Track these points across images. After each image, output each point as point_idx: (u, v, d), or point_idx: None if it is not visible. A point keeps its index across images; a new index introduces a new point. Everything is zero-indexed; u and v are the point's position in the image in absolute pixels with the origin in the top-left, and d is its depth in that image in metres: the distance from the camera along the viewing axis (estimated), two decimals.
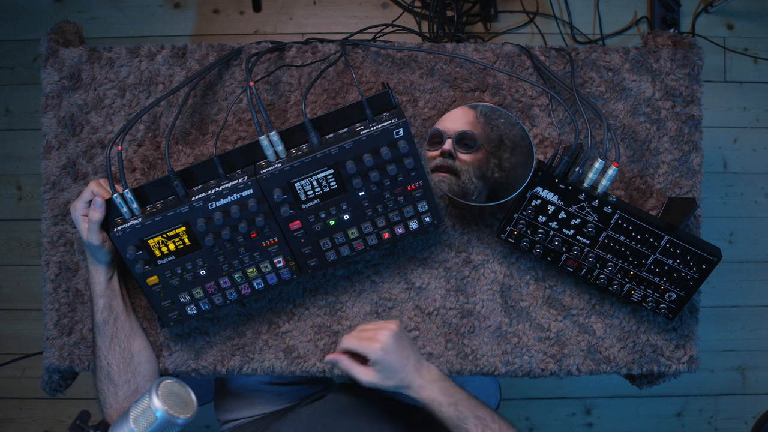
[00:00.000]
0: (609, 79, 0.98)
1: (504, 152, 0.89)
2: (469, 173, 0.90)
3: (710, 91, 1.77)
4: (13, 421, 1.81)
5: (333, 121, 0.85)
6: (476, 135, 0.89)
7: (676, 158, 0.98)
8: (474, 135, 0.89)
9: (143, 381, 0.92)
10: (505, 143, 0.89)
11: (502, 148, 0.89)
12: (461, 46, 0.97)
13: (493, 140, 0.90)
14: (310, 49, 0.97)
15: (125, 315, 0.92)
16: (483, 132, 0.90)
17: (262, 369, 0.97)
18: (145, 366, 0.93)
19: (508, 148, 0.89)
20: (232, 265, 0.88)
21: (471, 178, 0.90)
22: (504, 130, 0.89)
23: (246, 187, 0.82)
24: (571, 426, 1.83)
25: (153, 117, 0.97)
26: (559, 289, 0.98)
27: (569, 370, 0.98)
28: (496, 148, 0.90)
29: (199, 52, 0.97)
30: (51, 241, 0.97)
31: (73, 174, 0.97)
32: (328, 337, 0.97)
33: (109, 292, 0.89)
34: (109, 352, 0.89)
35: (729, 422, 1.84)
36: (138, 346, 0.93)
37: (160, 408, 0.73)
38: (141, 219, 0.83)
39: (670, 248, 0.88)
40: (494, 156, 0.90)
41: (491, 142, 0.90)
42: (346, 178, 0.84)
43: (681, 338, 0.99)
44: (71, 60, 0.96)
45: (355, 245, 0.89)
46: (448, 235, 0.97)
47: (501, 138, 0.89)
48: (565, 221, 0.89)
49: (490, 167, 0.90)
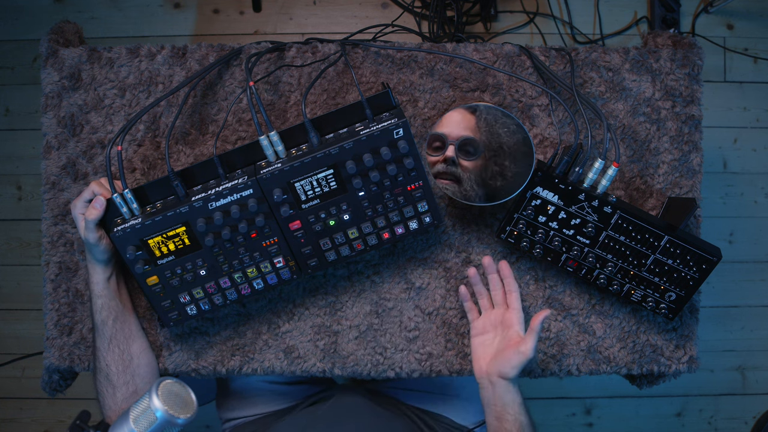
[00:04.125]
0: (609, 79, 0.98)
1: (505, 159, 0.90)
2: (471, 180, 0.90)
3: (710, 91, 1.77)
4: (13, 421, 1.81)
5: (333, 121, 0.85)
6: (478, 142, 0.89)
7: (676, 158, 0.98)
8: (476, 142, 0.89)
9: (142, 383, 0.91)
10: (505, 148, 0.89)
11: (502, 153, 0.89)
12: (461, 46, 0.97)
13: (492, 144, 0.90)
14: (310, 49, 0.97)
15: (124, 316, 0.91)
16: (482, 133, 0.90)
17: (262, 369, 0.97)
18: (145, 369, 0.93)
19: (509, 154, 0.89)
20: (232, 265, 0.88)
21: (472, 185, 0.90)
22: (503, 133, 0.89)
23: (246, 187, 0.82)
24: (571, 426, 1.83)
25: (153, 117, 0.97)
26: (559, 289, 0.98)
27: (569, 370, 0.98)
28: (496, 153, 0.90)
29: (199, 52, 0.97)
30: (51, 241, 0.97)
31: (73, 174, 0.97)
32: (328, 337, 0.97)
33: (107, 292, 0.89)
34: (108, 354, 0.89)
35: (729, 422, 1.84)
36: (138, 348, 0.92)
37: (160, 408, 0.73)
38: (141, 219, 0.83)
39: (670, 248, 0.88)
40: (495, 163, 0.90)
41: (491, 144, 0.90)
42: (346, 178, 0.84)
43: (681, 338, 0.99)
44: (71, 60, 0.96)
45: (355, 245, 0.89)
46: (448, 235, 0.97)
47: (501, 141, 0.89)
48: (565, 221, 0.89)
49: (491, 174, 0.90)
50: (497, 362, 0.88)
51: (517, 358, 0.85)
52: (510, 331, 0.89)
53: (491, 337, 0.92)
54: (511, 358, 0.86)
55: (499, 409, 0.87)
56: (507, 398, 0.87)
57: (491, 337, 0.92)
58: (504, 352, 0.87)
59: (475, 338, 0.93)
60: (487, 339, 0.92)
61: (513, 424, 0.85)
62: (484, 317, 0.93)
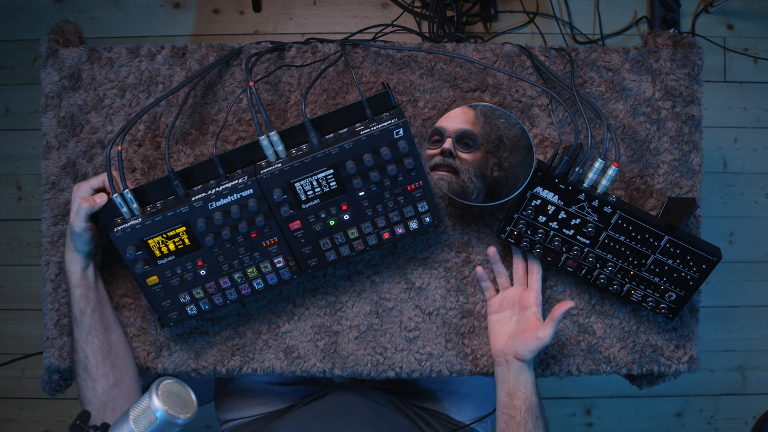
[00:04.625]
0: (609, 79, 0.98)
1: (504, 151, 0.90)
2: (469, 172, 0.90)
3: (710, 91, 1.77)
4: (13, 421, 1.81)
5: (333, 121, 0.85)
6: (476, 134, 0.90)
7: (676, 158, 0.98)
8: (474, 134, 0.90)
9: (121, 375, 0.90)
10: (505, 142, 0.89)
11: (501, 147, 0.90)
12: (461, 46, 0.97)
13: (493, 139, 0.90)
14: (310, 49, 0.97)
15: (102, 307, 0.91)
16: (483, 131, 0.90)
17: (262, 369, 0.97)
18: (123, 360, 0.92)
19: (508, 147, 0.89)
20: (232, 265, 0.88)
21: (471, 177, 0.90)
22: (504, 130, 0.90)
23: (246, 187, 0.82)
24: (571, 426, 1.83)
25: (153, 117, 0.97)
26: (559, 289, 0.98)
27: (569, 370, 0.98)
28: (495, 147, 0.90)
29: (199, 52, 0.97)
30: (51, 241, 0.97)
31: (73, 174, 0.97)
32: (328, 337, 0.97)
33: (84, 282, 0.88)
34: (86, 345, 0.88)
35: (729, 422, 1.84)
36: (116, 338, 0.92)
37: (160, 408, 0.72)
38: (141, 219, 0.83)
39: (670, 248, 0.88)
40: (494, 155, 0.90)
41: (491, 141, 0.90)
42: (346, 178, 0.84)
43: (681, 338, 0.99)
44: (71, 60, 0.96)
45: (355, 245, 0.89)
46: (448, 235, 0.97)
47: (501, 137, 0.90)
48: (565, 221, 0.89)
49: (490, 166, 0.90)
50: (514, 343, 0.89)
51: (534, 343, 0.86)
52: (527, 312, 0.90)
53: (508, 315, 0.93)
54: (529, 342, 0.87)
55: (511, 387, 0.89)
56: (521, 378, 0.88)
57: (508, 315, 0.93)
58: (522, 334, 0.88)
59: (492, 315, 0.94)
60: (504, 317, 0.93)
61: (523, 402, 0.87)
62: (502, 295, 0.94)
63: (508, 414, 0.88)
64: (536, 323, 0.89)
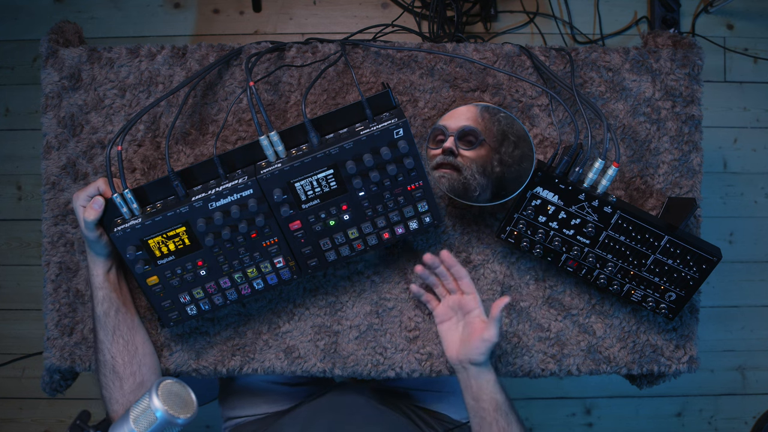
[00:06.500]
0: (609, 79, 0.98)
1: (507, 146, 0.90)
2: (472, 169, 0.90)
3: (710, 91, 1.77)
4: (13, 421, 1.81)
5: (333, 121, 0.85)
6: (478, 130, 0.90)
7: (676, 158, 0.98)
8: (476, 131, 0.90)
9: (148, 373, 0.92)
10: (509, 137, 0.89)
11: (505, 141, 0.90)
12: (461, 46, 0.97)
13: (496, 135, 0.90)
14: (310, 49, 0.97)
15: (126, 308, 0.91)
16: (486, 127, 0.90)
17: (262, 369, 0.97)
18: (149, 358, 0.93)
19: (512, 142, 0.89)
20: (232, 265, 0.88)
21: (473, 174, 0.90)
22: (505, 127, 0.90)
23: (246, 187, 0.82)
24: (571, 426, 1.83)
25: (153, 117, 0.97)
26: (559, 289, 0.98)
27: (569, 370, 0.98)
28: (499, 142, 0.90)
29: (199, 52, 0.97)
30: (51, 241, 0.97)
31: (73, 174, 0.97)
32: (328, 337, 0.97)
33: (107, 284, 0.89)
34: (112, 345, 0.89)
35: (729, 422, 1.84)
36: (141, 339, 0.93)
37: (160, 408, 0.73)
38: (141, 219, 0.83)
39: (670, 248, 0.88)
40: (496, 152, 0.90)
41: (494, 137, 0.90)
42: (346, 178, 0.84)
43: (681, 338, 0.99)
44: (71, 60, 0.96)
45: (355, 245, 0.89)
46: (448, 235, 0.97)
47: (504, 132, 0.90)
48: (565, 221, 0.89)
49: (492, 164, 0.90)
50: (465, 350, 0.90)
51: (483, 345, 0.88)
52: (471, 316, 0.91)
53: (455, 322, 0.94)
54: (478, 345, 0.88)
55: (475, 390, 0.90)
56: (481, 380, 0.89)
57: (455, 322, 0.94)
58: (470, 339, 0.90)
59: (441, 325, 0.96)
60: (452, 324, 0.95)
61: (489, 402, 0.88)
62: (444, 303, 0.95)
63: (480, 416, 0.89)
64: (481, 326, 0.90)
